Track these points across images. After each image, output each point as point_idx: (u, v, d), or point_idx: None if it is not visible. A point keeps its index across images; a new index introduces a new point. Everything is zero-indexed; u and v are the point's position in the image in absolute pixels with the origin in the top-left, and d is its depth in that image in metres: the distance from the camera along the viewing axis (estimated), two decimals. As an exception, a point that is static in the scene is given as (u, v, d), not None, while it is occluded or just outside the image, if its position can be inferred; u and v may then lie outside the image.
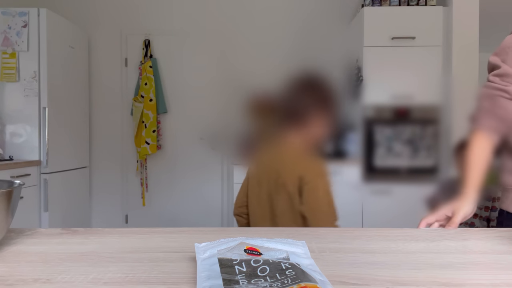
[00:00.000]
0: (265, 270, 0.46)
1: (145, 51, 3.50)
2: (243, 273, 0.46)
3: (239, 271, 0.46)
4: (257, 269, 0.46)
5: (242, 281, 0.44)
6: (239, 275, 0.46)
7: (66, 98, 3.11)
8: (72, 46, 3.20)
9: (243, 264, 0.48)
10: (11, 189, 0.62)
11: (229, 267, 0.47)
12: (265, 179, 1.20)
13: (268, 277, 0.45)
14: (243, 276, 0.45)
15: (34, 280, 0.51)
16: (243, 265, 0.48)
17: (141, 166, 3.53)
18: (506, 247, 0.66)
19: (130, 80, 3.58)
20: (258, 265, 0.47)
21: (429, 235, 0.74)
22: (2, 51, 2.78)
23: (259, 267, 0.47)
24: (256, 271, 0.46)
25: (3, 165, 2.44)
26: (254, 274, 0.46)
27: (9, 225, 0.65)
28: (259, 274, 0.45)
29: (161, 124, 3.52)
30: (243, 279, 0.45)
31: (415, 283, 0.49)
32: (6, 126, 2.82)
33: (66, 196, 3.09)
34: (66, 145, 3.10)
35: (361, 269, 0.55)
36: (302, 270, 0.47)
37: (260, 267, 0.47)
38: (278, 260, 0.49)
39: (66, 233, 0.76)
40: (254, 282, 0.44)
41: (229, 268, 0.47)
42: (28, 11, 2.79)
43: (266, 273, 0.45)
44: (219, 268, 0.48)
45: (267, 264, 0.48)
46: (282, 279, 0.44)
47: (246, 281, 0.44)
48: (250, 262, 0.48)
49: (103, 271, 0.54)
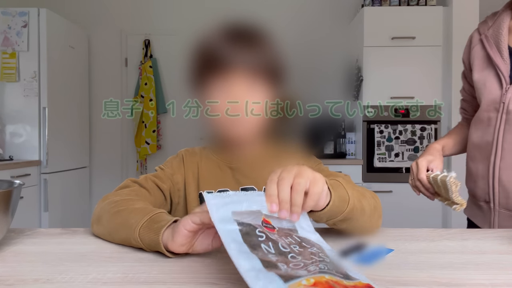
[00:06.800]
0: (295, 258, 0.45)
1: (145, 51, 3.51)
2: (273, 254, 0.44)
3: (267, 251, 0.44)
4: (288, 255, 0.45)
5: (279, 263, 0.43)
6: (268, 254, 0.44)
7: (66, 98, 3.11)
8: (72, 46, 3.20)
9: (270, 244, 0.46)
10: (11, 189, 0.62)
11: (255, 245, 0.45)
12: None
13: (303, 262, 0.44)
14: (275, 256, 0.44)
15: (34, 280, 0.51)
16: (270, 246, 0.46)
17: (141, 166, 3.53)
18: (506, 247, 0.66)
19: (130, 80, 3.58)
20: (287, 252, 0.46)
21: (429, 235, 0.74)
22: (2, 51, 2.78)
23: (289, 254, 0.45)
24: (288, 256, 0.45)
25: (3, 165, 2.44)
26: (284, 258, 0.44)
27: (9, 225, 0.65)
28: (291, 260, 0.44)
29: (161, 124, 3.52)
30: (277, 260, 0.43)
31: (415, 283, 0.49)
32: (6, 126, 2.82)
33: (66, 196, 3.09)
34: (66, 145, 3.10)
35: (361, 269, 0.55)
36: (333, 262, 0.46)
37: (290, 254, 0.45)
38: (298, 245, 0.49)
39: (66, 233, 0.76)
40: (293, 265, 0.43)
41: (255, 247, 0.45)
42: (28, 11, 2.78)
43: (297, 260, 0.44)
44: (242, 240, 0.45)
45: (293, 253, 0.46)
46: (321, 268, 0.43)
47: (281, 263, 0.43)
48: (278, 244, 0.46)
49: (103, 271, 0.54)
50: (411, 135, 2.89)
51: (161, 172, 0.85)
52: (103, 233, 0.70)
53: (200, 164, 0.87)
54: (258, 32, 0.77)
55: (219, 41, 0.74)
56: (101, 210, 0.72)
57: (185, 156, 0.88)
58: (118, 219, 0.67)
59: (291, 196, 0.52)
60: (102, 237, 0.71)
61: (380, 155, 2.91)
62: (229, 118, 0.74)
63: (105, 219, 0.70)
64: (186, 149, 0.91)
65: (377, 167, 2.92)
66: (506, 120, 0.92)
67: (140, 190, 0.79)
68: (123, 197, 0.74)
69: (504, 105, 0.93)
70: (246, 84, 0.73)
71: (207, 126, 0.80)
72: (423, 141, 2.89)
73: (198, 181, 0.86)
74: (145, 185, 0.80)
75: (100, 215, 0.72)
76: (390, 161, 2.91)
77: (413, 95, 2.91)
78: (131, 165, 3.58)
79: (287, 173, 0.53)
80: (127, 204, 0.70)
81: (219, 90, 0.74)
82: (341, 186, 0.63)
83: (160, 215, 0.64)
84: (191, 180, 0.85)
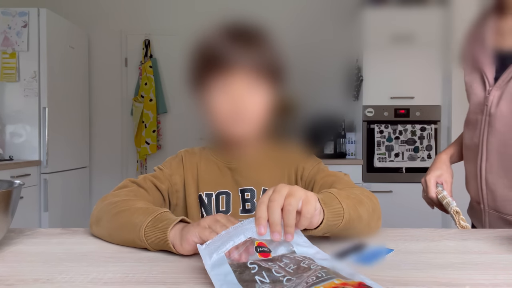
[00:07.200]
0: (290, 280, 0.44)
1: (145, 51, 3.51)
2: (266, 283, 0.44)
3: (260, 282, 0.44)
4: (283, 280, 0.44)
5: None
6: (262, 285, 0.43)
7: (66, 98, 3.11)
8: (72, 46, 3.20)
9: (263, 274, 0.45)
10: (11, 189, 0.62)
11: (248, 282, 0.44)
12: None
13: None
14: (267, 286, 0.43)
15: (34, 280, 0.51)
16: (264, 276, 0.45)
17: (141, 166, 3.53)
18: (506, 247, 0.66)
19: (130, 80, 3.58)
20: (281, 275, 0.45)
21: (429, 235, 0.74)
22: (2, 51, 2.77)
23: (284, 278, 0.44)
24: (283, 281, 0.44)
25: (3, 165, 2.44)
26: (278, 284, 0.44)
27: (9, 225, 0.65)
28: (285, 284, 0.43)
29: (161, 124, 3.52)
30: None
31: (415, 283, 0.49)
32: (6, 126, 2.82)
33: (66, 196, 3.09)
34: (66, 145, 3.10)
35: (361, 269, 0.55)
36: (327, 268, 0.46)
37: (285, 277, 0.44)
38: (291, 260, 0.48)
39: (66, 233, 0.76)
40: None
41: (250, 282, 0.44)
42: (28, 11, 2.78)
43: (292, 282, 0.44)
44: (236, 280, 0.45)
45: (289, 274, 0.45)
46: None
47: None
48: (271, 271, 0.46)
49: (103, 271, 0.54)
50: (411, 135, 2.89)
51: (159, 173, 0.85)
52: (103, 234, 0.70)
53: (199, 165, 0.87)
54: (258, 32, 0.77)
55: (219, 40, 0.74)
56: (101, 211, 0.72)
57: (184, 157, 0.88)
58: (120, 219, 0.67)
59: (283, 217, 0.52)
60: (102, 238, 0.71)
61: (380, 155, 2.91)
62: (229, 118, 0.74)
63: (105, 220, 0.70)
64: (186, 149, 0.91)
65: (377, 167, 2.92)
66: (489, 123, 0.93)
67: (138, 190, 0.79)
68: (122, 197, 0.73)
69: (487, 108, 0.93)
70: (246, 84, 0.73)
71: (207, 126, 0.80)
72: (423, 141, 2.89)
73: (197, 183, 0.85)
74: (144, 185, 0.80)
75: (100, 216, 0.71)
76: (390, 161, 2.91)
77: (413, 95, 2.91)
78: (131, 165, 3.58)
79: (277, 194, 0.53)
80: (127, 204, 0.70)
81: (219, 90, 0.74)
82: (335, 200, 0.62)
83: (164, 214, 0.65)
84: (191, 182, 0.85)
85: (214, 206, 0.83)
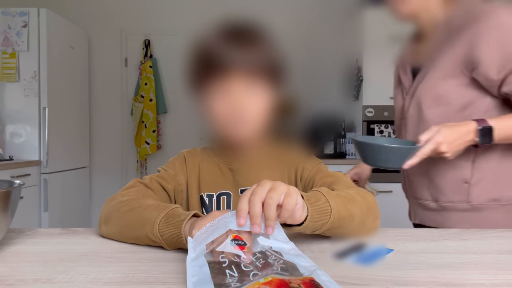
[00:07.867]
0: (256, 275, 0.46)
1: (145, 51, 3.51)
2: (235, 278, 0.46)
3: (230, 276, 0.46)
4: (250, 274, 0.46)
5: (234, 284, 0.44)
6: (230, 279, 0.46)
7: (66, 98, 3.11)
8: (72, 46, 3.20)
9: (233, 267, 0.48)
10: (11, 189, 0.62)
11: (219, 275, 0.47)
12: None
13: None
14: (235, 280, 0.45)
15: (34, 280, 0.51)
16: (233, 269, 0.47)
17: (141, 166, 3.53)
18: (506, 247, 0.66)
19: (130, 80, 3.58)
20: (249, 270, 0.47)
21: (429, 235, 0.74)
22: (2, 51, 2.78)
23: (251, 273, 0.47)
24: (249, 276, 0.46)
25: (3, 165, 2.44)
26: (246, 278, 0.46)
27: (9, 225, 0.65)
28: (251, 279, 0.45)
29: (161, 124, 3.52)
30: (234, 282, 0.45)
31: (415, 283, 0.49)
32: (6, 126, 2.82)
33: (66, 196, 3.09)
34: (66, 145, 3.10)
35: (361, 269, 0.55)
36: (293, 264, 0.48)
37: (252, 272, 0.47)
38: (263, 255, 0.50)
39: (66, 233, 0.76)
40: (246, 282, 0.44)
41: (220, 276, 0.46)
42: (28, 11, 2.78)
43: (258, 277, 0.45)
44: (209, 272, 0.47)
45: (257, 269, 0.47)
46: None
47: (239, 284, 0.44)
48: (240, 266, 0.48)
49: (103, 271, 0.54)
50: (411, 135, 2.89)
51: (165, 173, 0.85)
52: (113, 232, 0.70)
53: (201, 165, 0.87)
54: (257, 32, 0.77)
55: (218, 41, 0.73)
56: (110, 210, 0.72)
57: (187, 157, 0.88)
58: (131, 217, 0.67)
59: (264, 210, 0.53)
60: (111, 237, 0.71)
61: (380, 155, 2.91)
62: (228, 120, 0.74)
63: (115, 219, 0.70)
64: (188, 150, 0.91)
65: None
66: (405, 125, 1.09)
67: (146, 191, 0.79)
68: (131, 196, 0.74)
69: (403, 113, 1.10)
70: (245, 85, 0.73)
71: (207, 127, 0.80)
72: (423, 141, 2.89)
73: (199, 183, 0.86)
74: (151, 186, 0.80)
75: (109, 215, 0.71)
76: (390, 161, 2.90)
77: (413, 95, 2.91)
78: (131, 165, 3.58)
79: (260, 188, 0.54)
80: (138, 202, 0.70)
81: (218, 91, 0.74)
82: (322, 198, 0.62)
83: (176, 210, 0.65)
84: (193, 182, 0.85)
85: (215, 207, 0.83)
